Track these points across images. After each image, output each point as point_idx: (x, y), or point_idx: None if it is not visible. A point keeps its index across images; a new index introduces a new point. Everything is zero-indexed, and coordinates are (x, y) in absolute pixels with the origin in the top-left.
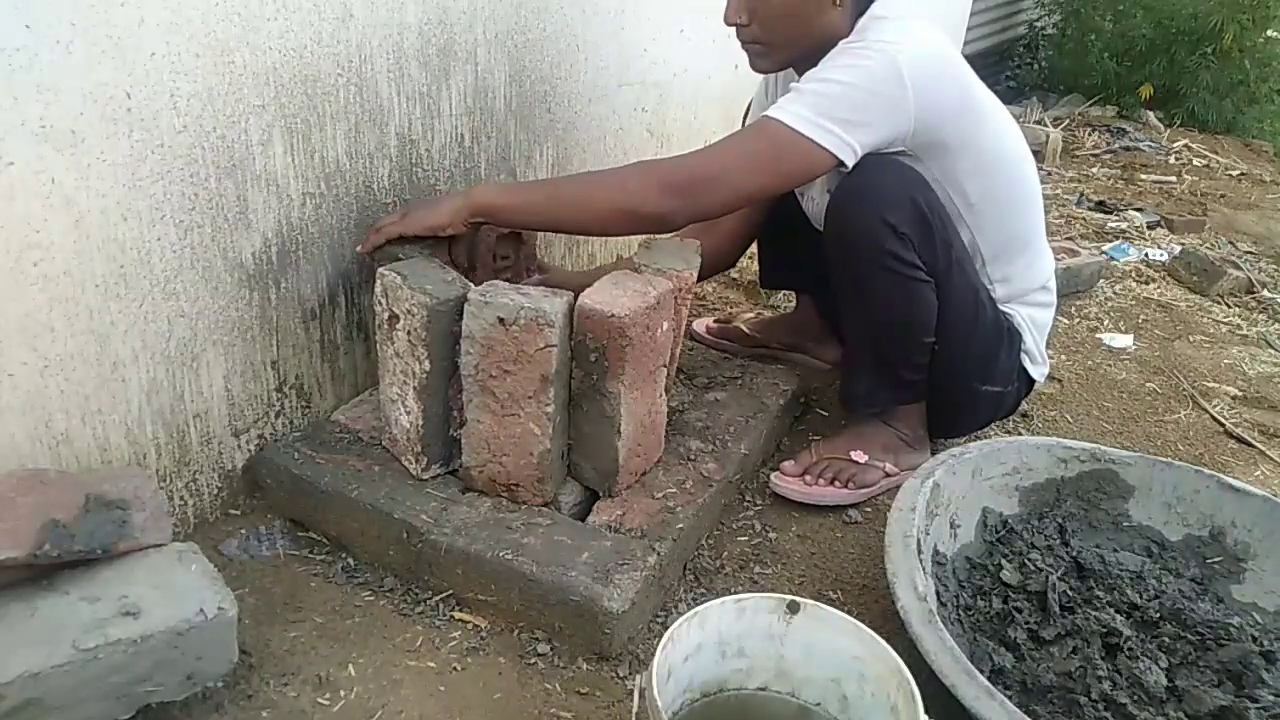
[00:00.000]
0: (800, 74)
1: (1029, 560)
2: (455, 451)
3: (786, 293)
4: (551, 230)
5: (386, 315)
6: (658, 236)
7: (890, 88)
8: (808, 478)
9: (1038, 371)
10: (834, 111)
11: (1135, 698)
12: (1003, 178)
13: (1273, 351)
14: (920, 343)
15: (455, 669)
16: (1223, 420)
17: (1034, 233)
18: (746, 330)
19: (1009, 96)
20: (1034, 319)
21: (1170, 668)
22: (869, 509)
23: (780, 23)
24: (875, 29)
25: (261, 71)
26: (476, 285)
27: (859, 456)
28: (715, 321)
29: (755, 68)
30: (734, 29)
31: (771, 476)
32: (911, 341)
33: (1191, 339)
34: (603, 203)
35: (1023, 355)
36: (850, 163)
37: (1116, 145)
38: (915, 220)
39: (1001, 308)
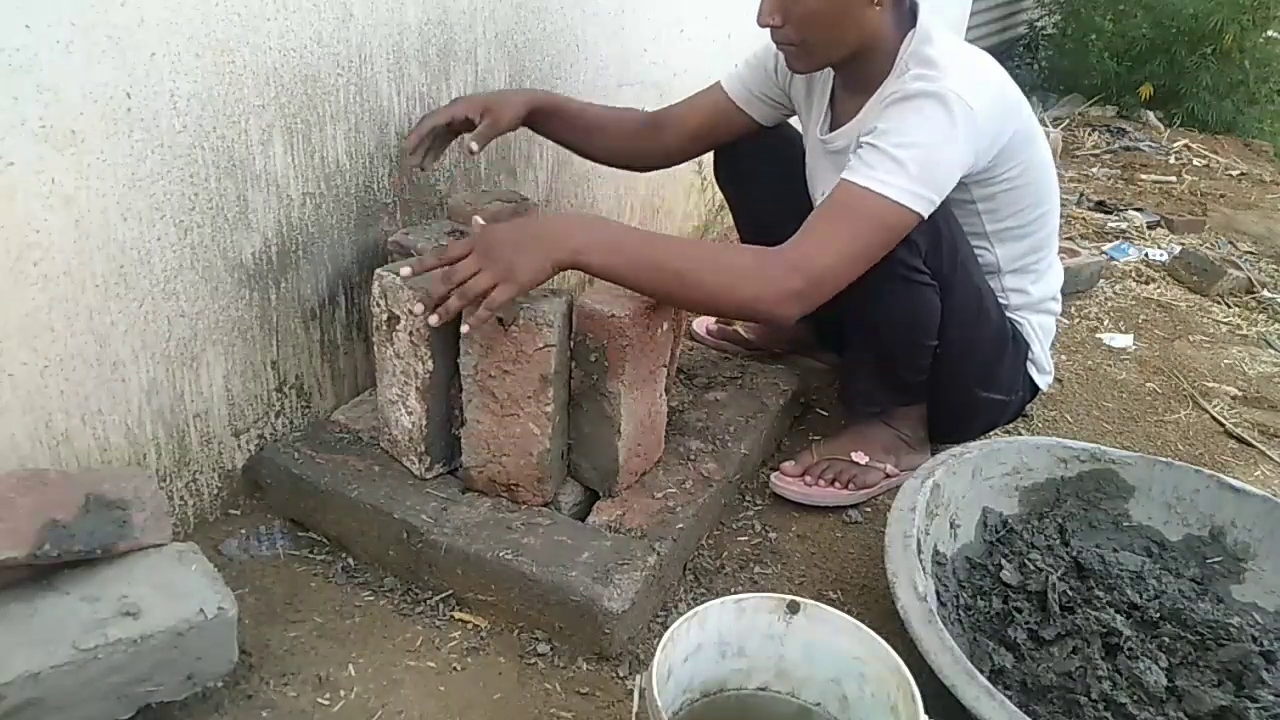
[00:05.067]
0: (838, 74)
1: (1029, 560)
2: (456, 451)
3: None
4: (646, 295)
5: (386, 317)
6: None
7: (964, 140)
8: (808, 478)
9: (1043, 380)
10: (935, 180)
11: (1135, 698)
12: (1034, 198)
13: (1273, 351)
14: (921, 345)
15: (455, 669)
16: (1223, 420)
17: (1052, 246)
18: (745, 335)
19: None
20: (1043, 326)
21: (1170, 668)
22: (869, 509)
23: (817, 24)
24: (929, 59)
25: (261, 71)
26: None
27: (860, 457)
28: (715, 322)
29: (792, 68)
30: (768, 29)
31: (771, 477)
32: (912, 344)
33: (1191, 339)
34: (716, 289)
35: (1029, 364)
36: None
37: (1116, 145)
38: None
39: (1012, 315)
